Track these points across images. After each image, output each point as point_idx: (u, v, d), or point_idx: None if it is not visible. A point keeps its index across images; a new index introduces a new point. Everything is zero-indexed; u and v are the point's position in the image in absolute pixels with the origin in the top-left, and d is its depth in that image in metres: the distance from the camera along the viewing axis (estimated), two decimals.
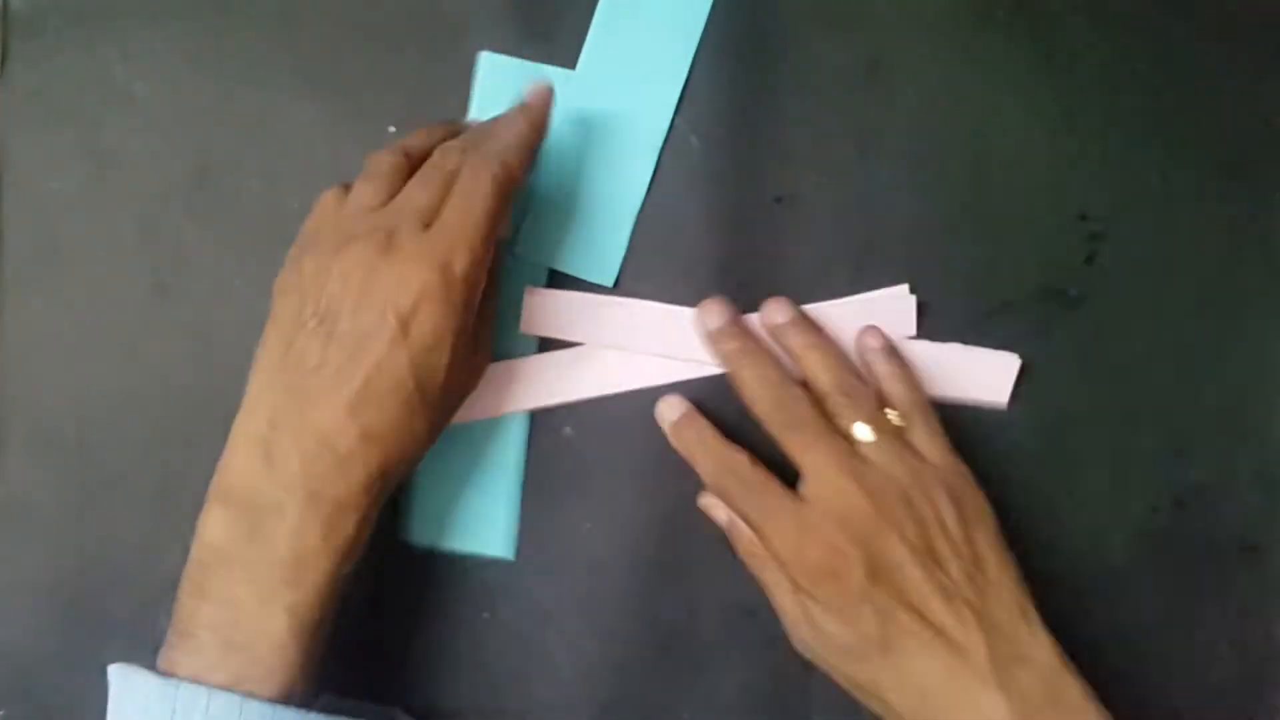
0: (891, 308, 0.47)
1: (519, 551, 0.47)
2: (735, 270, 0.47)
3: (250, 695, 0.37)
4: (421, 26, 0.47)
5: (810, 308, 0.47)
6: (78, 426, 0.47)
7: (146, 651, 0.46)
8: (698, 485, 0.47)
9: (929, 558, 0.40)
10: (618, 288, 0.47)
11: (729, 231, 0.48)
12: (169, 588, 0.46)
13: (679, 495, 0.47)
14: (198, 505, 0.46)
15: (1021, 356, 0.48)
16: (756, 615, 0.47)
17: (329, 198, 0.42)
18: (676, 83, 0.48)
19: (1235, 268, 0.48)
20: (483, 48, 0.48)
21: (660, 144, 0.48)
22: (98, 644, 0.47)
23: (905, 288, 0.47)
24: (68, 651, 0.47)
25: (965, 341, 0.47)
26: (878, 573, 0.40)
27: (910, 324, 0.47)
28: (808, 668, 0.44)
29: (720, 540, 0.47)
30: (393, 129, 0.47)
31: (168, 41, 0.47)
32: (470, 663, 0.47)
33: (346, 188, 0.42)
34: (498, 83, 0.47)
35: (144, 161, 0.47)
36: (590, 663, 0.47)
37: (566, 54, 0.48)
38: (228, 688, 0.37)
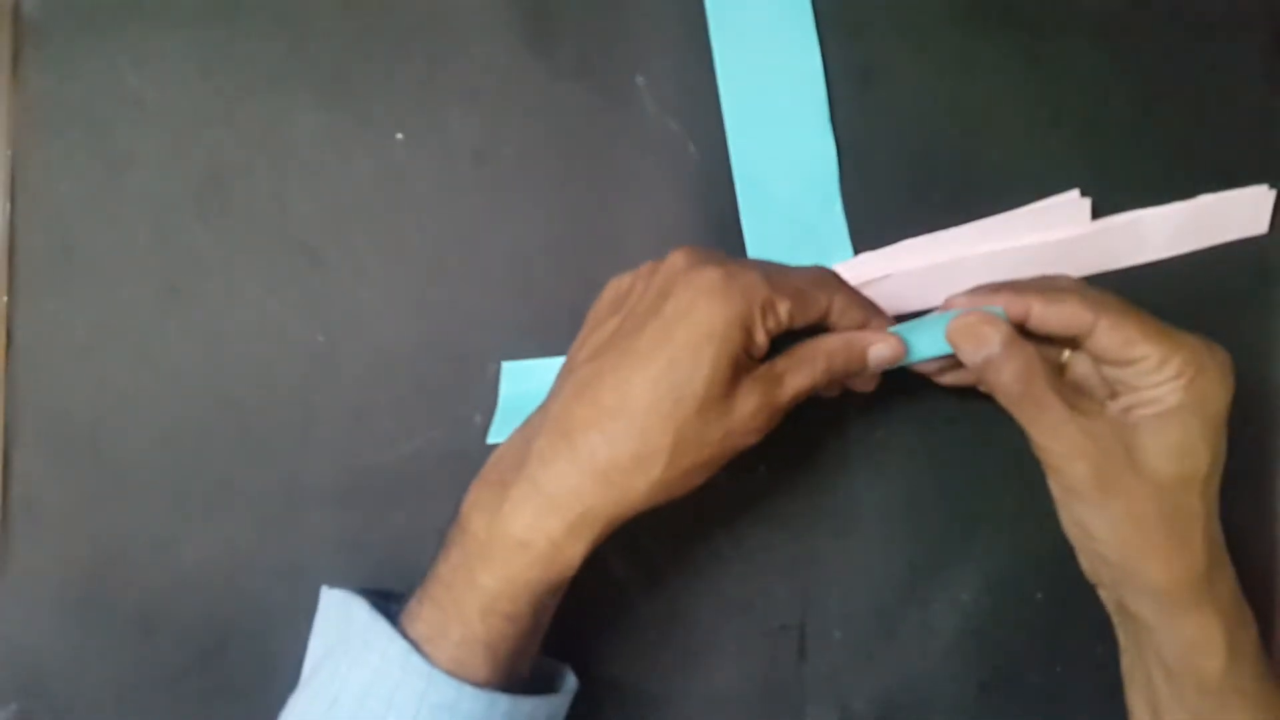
0: (1063, 214, 0.47)
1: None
2: None
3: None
4: (429, 34, 0.47)
5: (984, 222, 0.47)
6: (91, 427, 0.47)
7: (156, 647, 0.48)
8: None
9: None
10: None
11: (727, 238, 0.48)
12: (180, 585, 0.47)
13: None
14: (209, 503, 0.47)
15: None
16: (753, 607, 0.48)
17: None
18: (813, 47, 0.48)
19: (1225, 267, 0.48)
20: (488, 54, 0.48)
21: (825, 108, 0.48)
22: (109, 640, 0.47)
23: (1075, 192, 0.47)
24: (79, 647, 0.47)
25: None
26: None
27: (1086, 220, 0.47)
28: (801, 658, 0.45)
29: (718, 533, 0.48)
30: (400, 135, 0.47)
31: (179, 48, 0.47)
32: None
33: None
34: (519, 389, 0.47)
35: (156, 166, 0.47)
36: (588, 654, 0.48)
37: (572, 60, 0.48)
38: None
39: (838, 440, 0.48)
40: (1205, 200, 0.47)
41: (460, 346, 0.47)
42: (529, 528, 0.39)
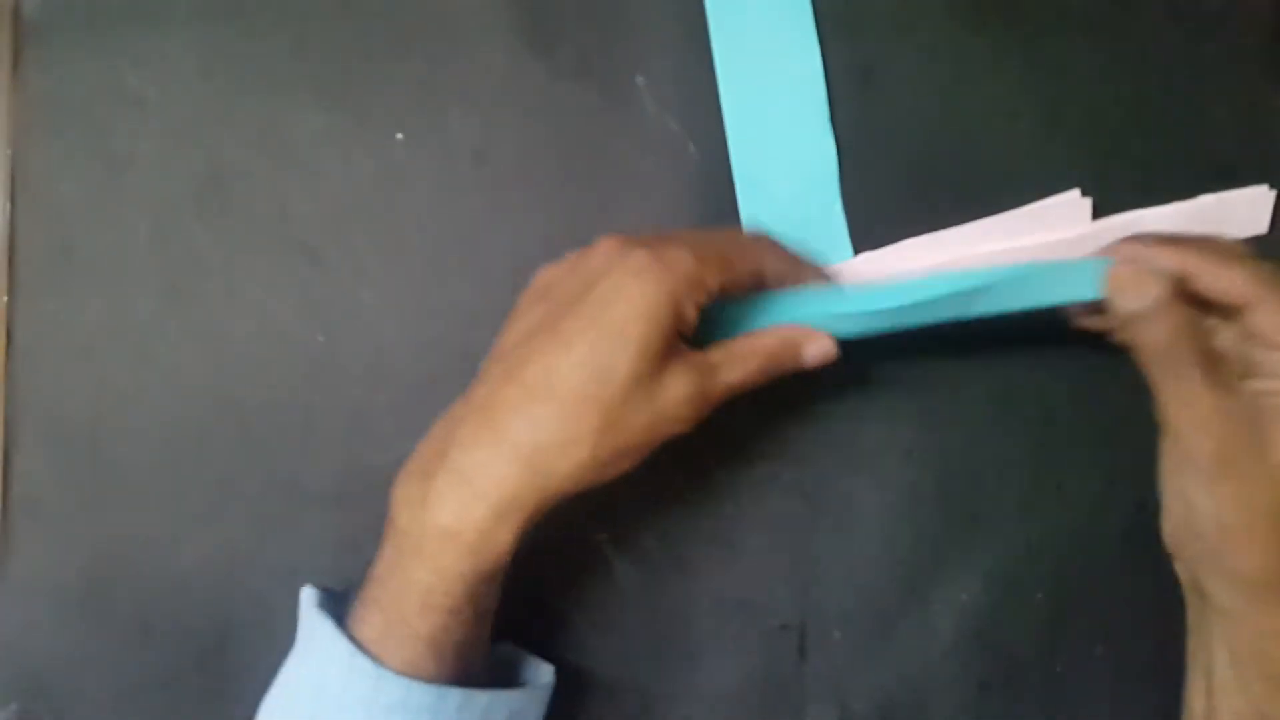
0: (1063, 214, 0.47)
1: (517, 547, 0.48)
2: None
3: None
4: (429, 34, 0.47)
5: (984, 222, 0.47)
6: (90, 427, 0.47)
7: (156, 647, 0.48)
8: (697, 478, 0.48)
9: None
10: None
11: None
12: (180, 585, 0.47)
13: (677, 487, 0.48)
14: (209, 504, 0.47)
15: (1010, 359, 0.48)
16: (752, 606, 0.48)
17: None
18: (813, 47, 0.48)
19: None
20: (488, 54, 0.48)
21: (825, 108, 0.48)
22: (109, 640, 0.47)
23: (1075, 192, 0.47)
24: (79, 648, 0.47)
25: (965, 347, 0.48)
26: None
27: (1086, 220, 0.47)
28: (801, 658, 0.45)
29: (718, 533, 0.48)
30: (400, 136, 0.47)
31: (179, 48, 0.47)
32: None
33: None
34: None
35: (155, 166, 0.47)
36: (588, 654, 0.48)
37: (571, 60, 0.48)
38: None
39: (838, 439, 0.48)
40: (1205, 200, 0.47)
41: (460, 347, 0.47)
42: (456, 518, 0.38)
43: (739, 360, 0.41)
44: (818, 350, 0.42)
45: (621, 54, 0.48)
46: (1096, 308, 0.42)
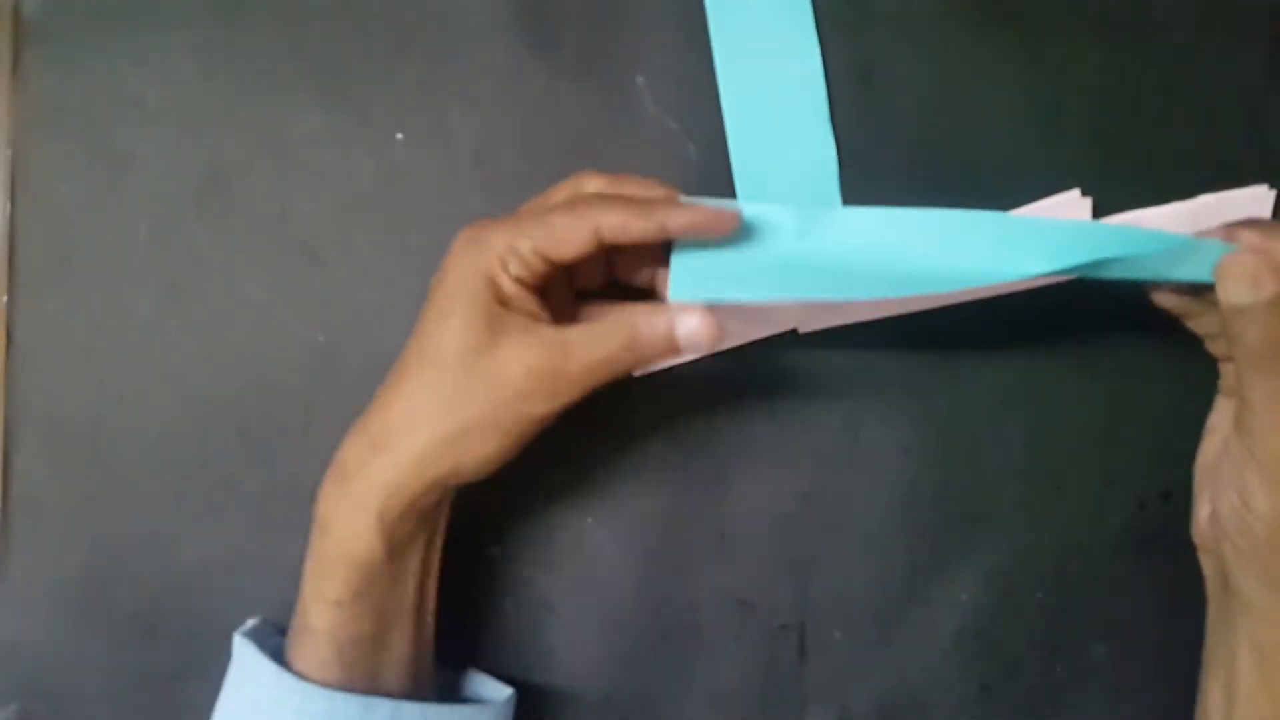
0: (1063, 213, 0.47)
1: (518, 545, 0.48)
2: None
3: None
4: (429, 34, 0.47)
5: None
6: (90, 427, 0.47)
7: (156, 647, 0.48)
8: (697, 478, 0.48)
9: None
10: None
11: None
12: (180, 585, 0.47)
13: (680, 488, 0.48)
14: (209, 505, 0.47)
15: (1010, 355, 0.48)
16: (755, 607, 0.48)
17: None
18: (812, 47, 0.48)
19: None
20: (489, 54, 0.48)
21: (825, 108, 0.48)
22: (109, 640, 0.47)
23: (1075, 191, 0.47)
24: (79, 647, 0.47)
25: (964, 347, 0.48)
26: None
27: (1086, 219, 0.47)
28: (802, 659, 0.45)
29: (717, 532, 0.48)
30: (400, 135, 0.47)
31: (179, 48, 0.47)
32: (471, 656, 0.48)
33: None
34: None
35: (155, 166, 0.47)
36: (590, 655, 0.48)
37: (572, 60, 0.48)
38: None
39: (838, 439, 0.48)
40: (1205, 200, 0.47)
41: None
42: (326, 506, 0.40)
43: (600, 338, 0.39)
44: (689, 330, 0.40)
45: (622, 54, 0.48)
46: (1192, 289, 0.41)
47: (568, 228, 0.38)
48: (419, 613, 0.42)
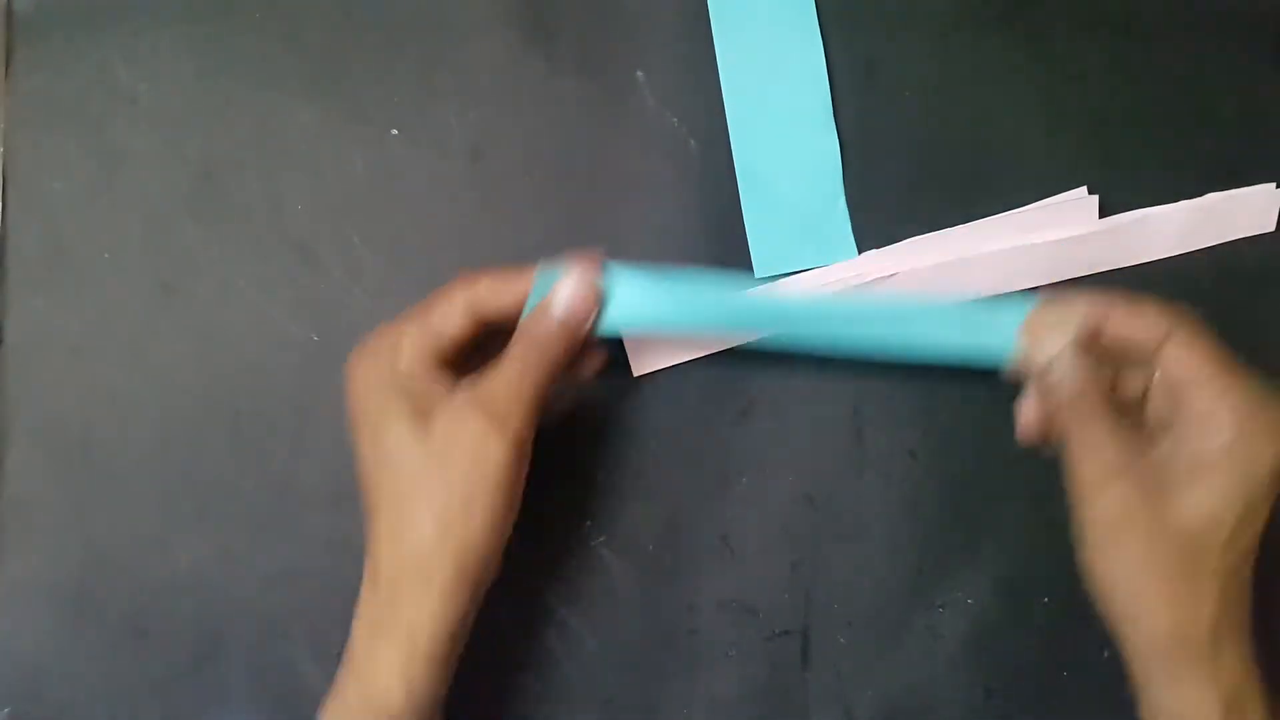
0: (1070, 212, 0.47)
1: (519, 552, 0.48)
2: (732, 271, 0.47)
3: None
4: (424, 28, 0.47)
5: (990, 220, 0.47)
6: (83, 426, 0.47)
7: (149, 650, 0.47)
8: (698, 482, 0.48)
9: None
10: None
11: (729, 236, 0.47)
12: (173, 587, 0.47)
13: (680, 491, 0.48)
14: (202, 505, 0.47)
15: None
16: (756, 612, 0.48)
17: None
18: (815, 42, 0.48)
19: (1230, 267, 0.48)
20: (486, 49, 0.48)
21: (829, 104, 0.48)
22: (103, 643, 0.47)
23: (1082, 189, 0.47)
24: (73, 651, 0.47)
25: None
26: None
27: (1093, 219, 0.47)
28: (805, 664, 0.44)
29: (719, 537, 0.47)
30: (395, 131, 0.47)
31: (171, 44, 0.47)
32: (470, 661, 0.47)
33: None
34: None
35: (148, 163, 0.47)
36: (591, 660, 0.47)
37: (571, 54, 0.48)
38: None
39: (842, 444, 0.48)
40: (1213, 199, 0.47)
41: None
42: (364, 661, 0.41)
43: (505, 360, 0.41)
44: (564, 300, 0.42)
45: (622, 48, 0.48)
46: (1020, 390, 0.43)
47: (441, 308, 0.41)
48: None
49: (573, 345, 0.42)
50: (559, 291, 0.41)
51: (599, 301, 0.42)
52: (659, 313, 0.43)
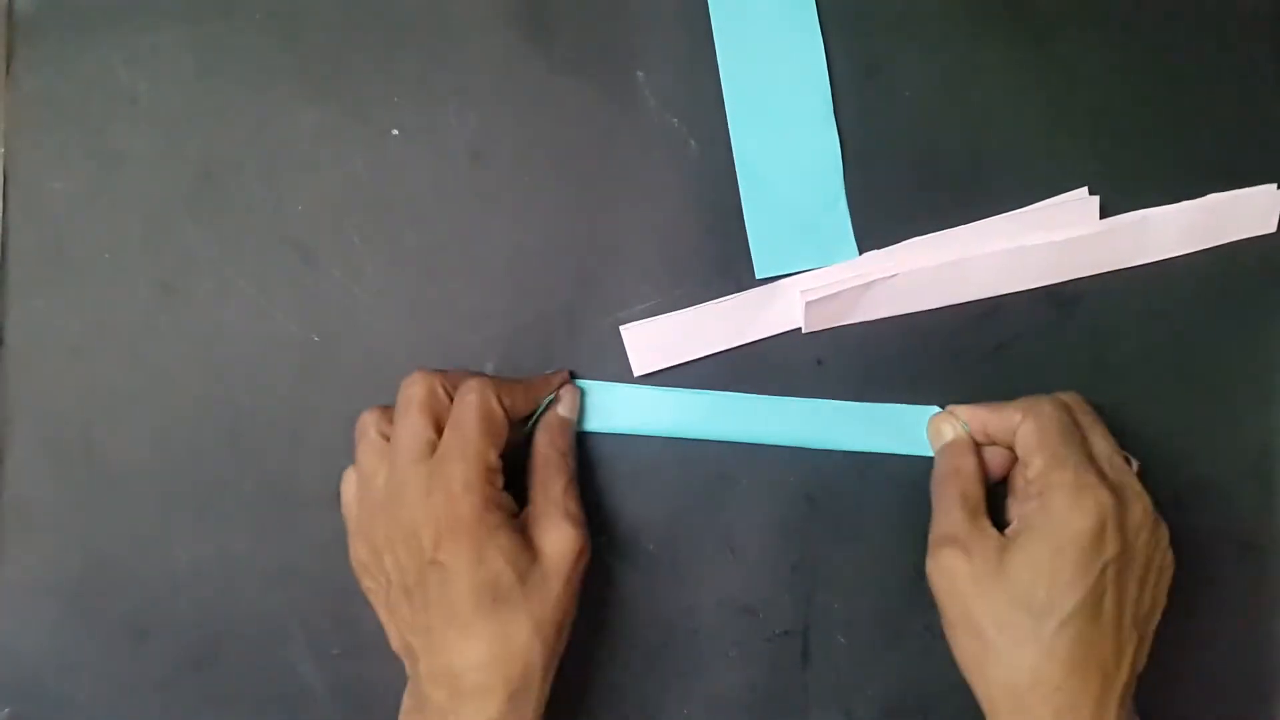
0: (1071, 212, 0.47)
1: None
2: (732, 271, 0.47)
3: None
4: (424, 28, 0.47)
5: (991, 221, 0.47)
6: (83, 427, 0.47)
7: (149, 650, 0.47)
8: (698, 482, 0.48)
9: None
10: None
11: (729, 236, 0.47)
12: (173, 587, 0.48)
13: (680, 492, 0.48)
14: (201, 505, 0.47)
15: (1016, 357, 0.48)
16: (756, 613, 0.48)
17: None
18: (816, 43, 0.48)
19: (1231, 267, 0.48)
20: (486, 49, 0.48)
21: (830, 105, 0.48)
22: (102, 643, 0.47)
23: (1083, 190, 0.48)
24: (73, 651, 0.47)
25: (968, 349, 0.48)
26: None
27: (1094, 219, 0.47)
28: (805, 664, 0.44)
29: (719, 537, 0.47)
30: (396, 132, 0.47)
31: (171, 44, 0.47)
32: None
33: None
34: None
35: (148, 163, 0.47)
36: (591, 660, 0.47)
37: (570, 55, 0.48)
38: None
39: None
40: (1213, 199, 0.48)
41: (455, 346, 0.47)
42: None
43: (543, 467, 0.44)
44: (567, 406, 0.46)
45: (622, 48, 0.48)
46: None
47: (458, 417, 0.42)
48: None
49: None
50: (565, 400, 0.46)
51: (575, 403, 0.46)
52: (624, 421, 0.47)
